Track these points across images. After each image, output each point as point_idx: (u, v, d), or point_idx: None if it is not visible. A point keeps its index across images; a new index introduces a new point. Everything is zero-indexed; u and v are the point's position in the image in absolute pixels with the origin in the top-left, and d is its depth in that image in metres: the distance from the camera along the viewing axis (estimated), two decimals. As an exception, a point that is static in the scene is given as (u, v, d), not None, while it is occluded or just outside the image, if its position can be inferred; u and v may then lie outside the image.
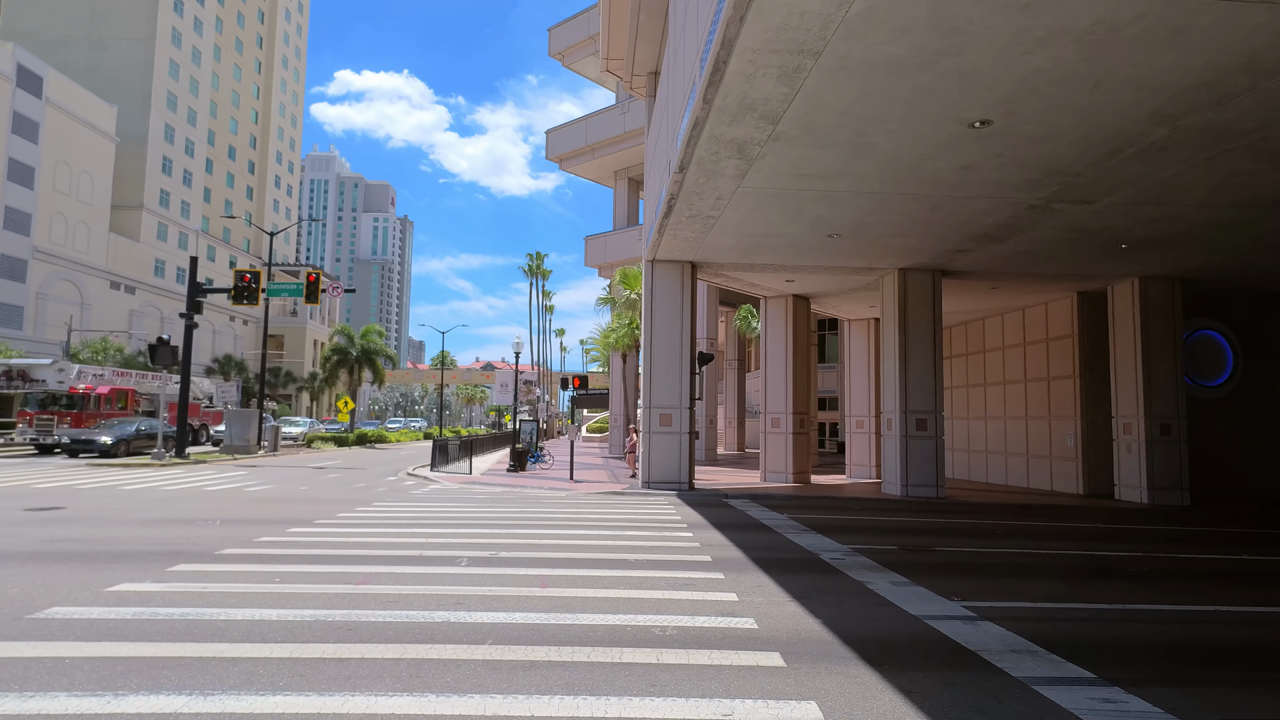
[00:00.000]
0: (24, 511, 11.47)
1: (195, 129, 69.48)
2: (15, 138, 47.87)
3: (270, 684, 4.32)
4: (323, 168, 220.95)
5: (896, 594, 7.03)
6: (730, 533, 10.78)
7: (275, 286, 26.79)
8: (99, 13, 62.08)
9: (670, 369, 17.25)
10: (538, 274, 67.20)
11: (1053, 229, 13.54)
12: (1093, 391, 18.86)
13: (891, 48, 7.42)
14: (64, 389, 28.86)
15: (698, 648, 5.19)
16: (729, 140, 9.96)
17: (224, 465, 22.99)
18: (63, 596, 6.21)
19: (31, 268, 49.23)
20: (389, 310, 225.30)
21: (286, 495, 14.87)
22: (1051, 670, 4.93)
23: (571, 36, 33.23)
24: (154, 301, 62.12)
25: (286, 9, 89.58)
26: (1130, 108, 8.55)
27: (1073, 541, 11.14)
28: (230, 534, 9.71)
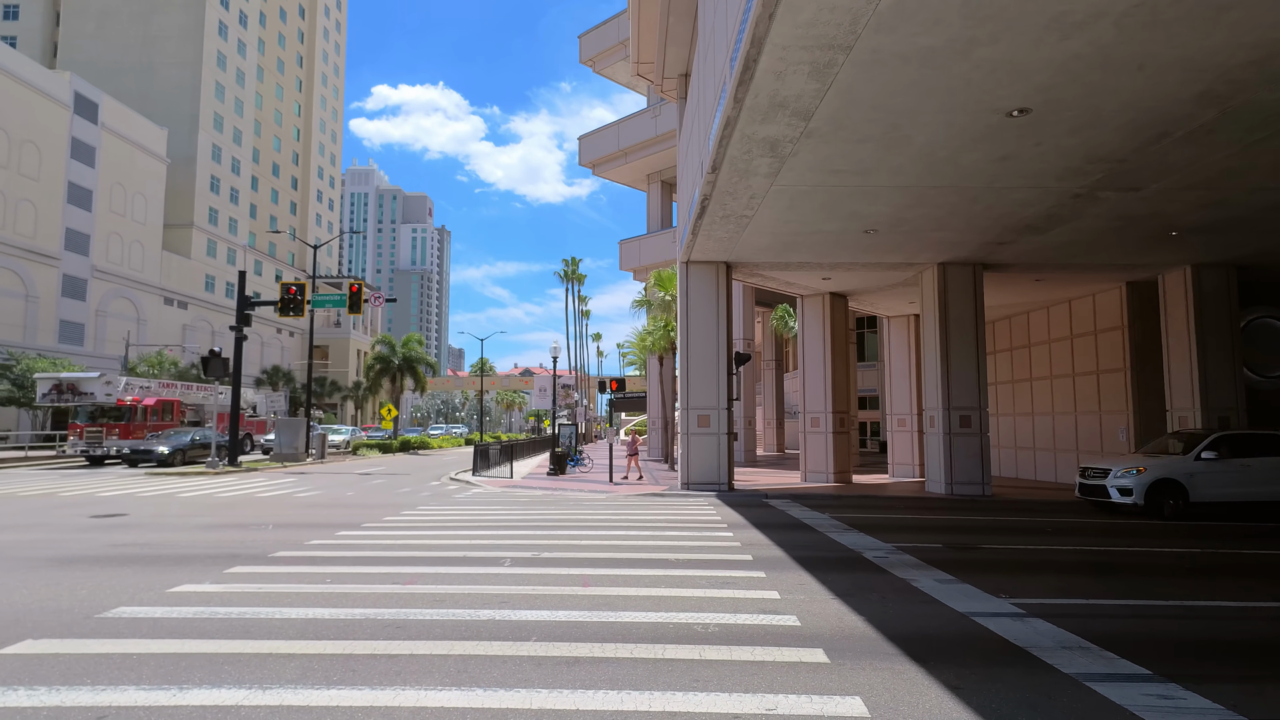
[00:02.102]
0: (90, 518, 11.99)
1: (241, 148, 71.74)
2: (74, 163, 50.03)
3: (325, 678, 4.47)
4: (362, 181, 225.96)
5: (942, 591, 6.93)
6: (771, 532, 10.72)
7: (319, 298, 27.51)
8: (149, 40, 64.57)
9: (707, 370, 17.23)
10: (573, 279, 67.65)
11: (1098, 218, 13.18)
12: (1145, 384, 18.26)
13: (924, 39, 7.33)
14: (111, 401, 29.95)
15: (740, 644, 5.20)
16: (761, 139, 9.94)
17: (274, 472, 23.67)
18: (128, 597, 6.49)
19: (91, 286, 51.36)
20: (429, 319, 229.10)
21: (334, 500, 15.25)
22: (1105, 667, 4.81)
23: (601, 43, 33.47)
24: (205, 316, 64.24)
25: (325, 28, 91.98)
26: (1176, 90, 8.30)
27: (1125, 538, 10.82)
28: (282, 537, 10.01)
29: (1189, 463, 13.54)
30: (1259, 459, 13.46)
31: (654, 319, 27.52)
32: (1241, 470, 13.38)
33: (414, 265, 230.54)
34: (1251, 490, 13.18)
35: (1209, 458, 13.49)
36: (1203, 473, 13.39)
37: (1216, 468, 13.41)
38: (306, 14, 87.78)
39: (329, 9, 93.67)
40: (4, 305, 44.30)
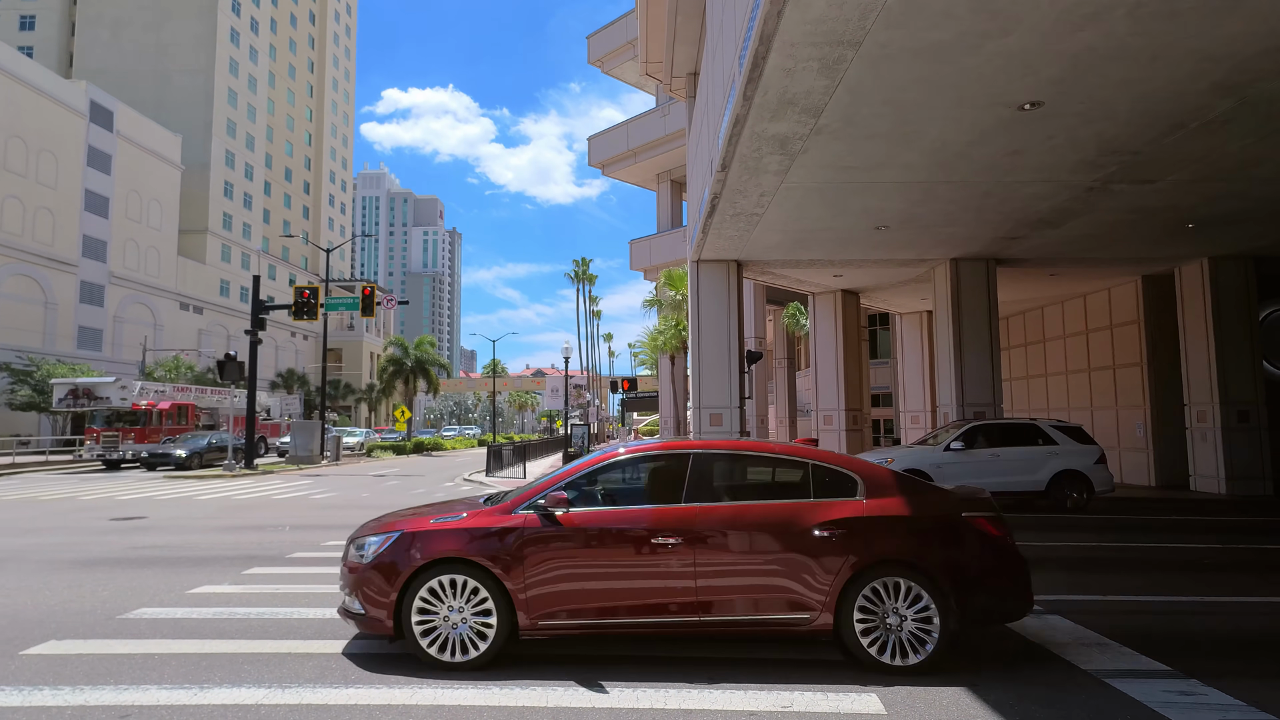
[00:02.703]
0: (110, 521, 12.14)
1: (253, 153, 72.36)
2: (90, 170, 50.65)
3: (343, 677, 4.51)
4: (374, 185, 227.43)
5: (958, 588, 6.88)
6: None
7: (333, 301, 27.72)
8: (162, 48, 65.26)
9: (719, 369, 17.22)
10: (584, 280, 67.77)
11: (1112, 211, 13.05)
12: (1162, 379, 18.07)
13: (934, 33, 7.29)
14: (126, 405, 30.29)
15: (754, 642, 5.19)
16: (770, 136, 9.91)
17: (290, 475, 23.87)
18: (149, 598, 6.58)
19: (108, 292, 51.98)
20: (440, 321, 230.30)
21: (349, 502, 15.37)
22: (1124, 663, 4.77)
23: (609, 43, 33.48)
24: (220, 320, 64.86)
25: (335, 33, 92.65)
26: (1191, 81, 8.20)
27: (1144, 534, 10.71)
28: (299, 539, 10.10)
29: (938, 453, 13.49)
30: (1009, 448, 13.45)
31: (665, 318, 27.55)
32: (990, 460, 13.31)
33: (425, 268, 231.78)
34: (991, 480, 12.87)
35: (957, 448, 13.44)
36: (950, 463, 13.27)
37: (963, 458, 13.33)
38: (317, 19, 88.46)
39: (339, 14, 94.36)
40: (24, 312, 44.93)
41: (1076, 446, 13.32)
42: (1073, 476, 13.12)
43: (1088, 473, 13.10)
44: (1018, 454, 13.39)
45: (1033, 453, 13.38)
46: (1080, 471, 13.11)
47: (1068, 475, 13.13)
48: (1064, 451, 13.28)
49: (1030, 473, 13.26)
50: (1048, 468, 13.20)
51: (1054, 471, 13.17)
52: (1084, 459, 13.19)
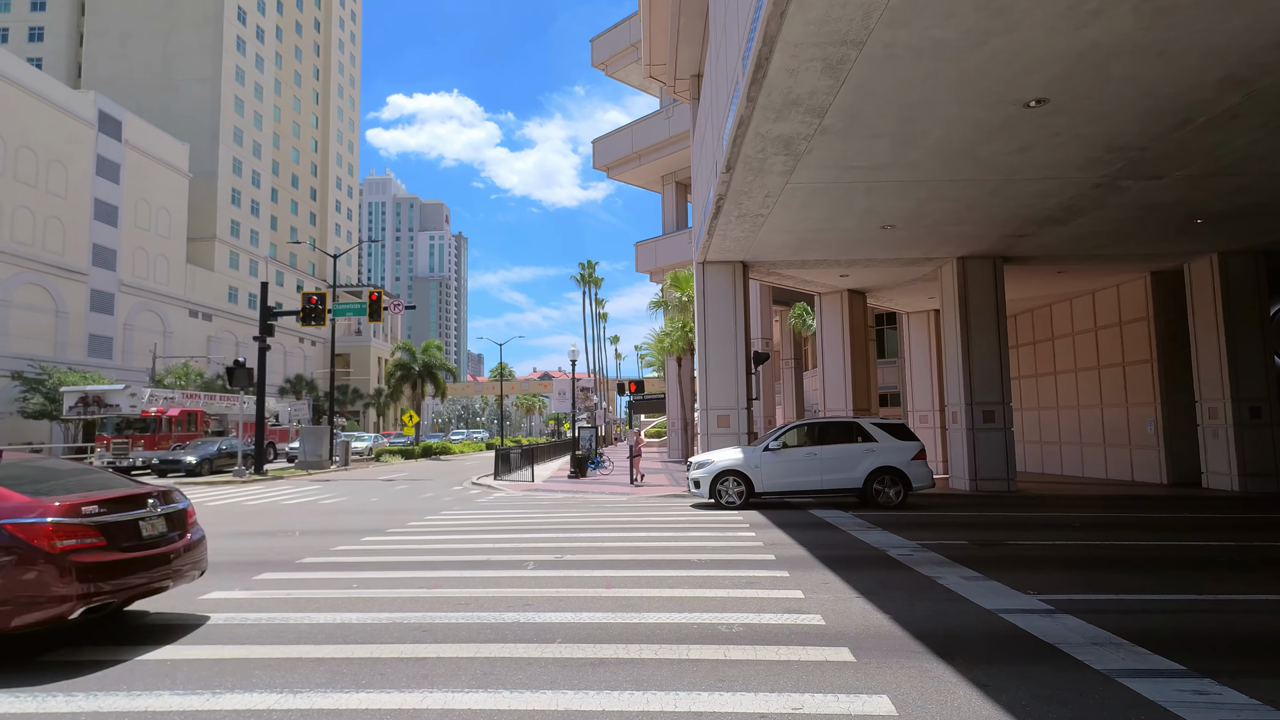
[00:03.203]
0: (122, 528, 12.21)
1: (260, 161, 72.78)
2: (99, 179, 51.06)
3: (354, 682, 4.52)
4: (380, 190, 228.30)
5: (968, 588, 6.86)
6: (793, 531, 10.68)
7: (340, 307, 27.83)
8: (169, 57, 65.75)
9: (726, 370, 17.20)
10: (590, 282, 67.81)
11: (1120, 207, 12.98)
12: (1173, 375, 17.94)
13: (938, 31, 7.28)
14: (136, 413, 30.48)
15: (765, 644, 5.18)
16: (775, 137, 9.91)
17: (299, 480, 23.97)
18: (161, 603, 6.61)
19: (118, 300, 52.36)
20: (447, 325, 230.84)
21: (359, 507, 15.42)
22: (1137, 662, 4.74)
23: (613, 46, 33.53)
24: (229, 327, 65.24)
25: (340, 40, 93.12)
26: (1198, 75, 8.16)
27: (1157, 532, 10.63)
28: (309, 544, 10.14)
29: (756, 453, 13.57)
30: (827, 447, 13.53)
31: (671, 320, 27.53)
32: (807, 458, 13.42)
33: (432, 272, 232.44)
34: (809, 478, 13.27)
35: (774, 447, 13.56)
36: (768, 462, 13.39)
37: (780, 457, 13.44)
38: (322, 27, 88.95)
39: (343, 21, 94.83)
40: (36, 321, 45.31)
41: (895, 443, 13.38)
42: (889, 473, 13.22)
43: (904, 469, 13.20)
44: (835, 452, 13.45)
45: (850, 450, 13.43)
46: (897, 468, 13.20)
47: (884, 472, 13.23)
48: (881, 449, 13.35)
49: (848, 470, 13.36)
50: (864, 465, 13.30)
51: (870, 469, 13.26)
52: (901, 456, 13.26)
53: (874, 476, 13.26)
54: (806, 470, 13.41)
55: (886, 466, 13.20)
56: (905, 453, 13.31)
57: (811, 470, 13.41)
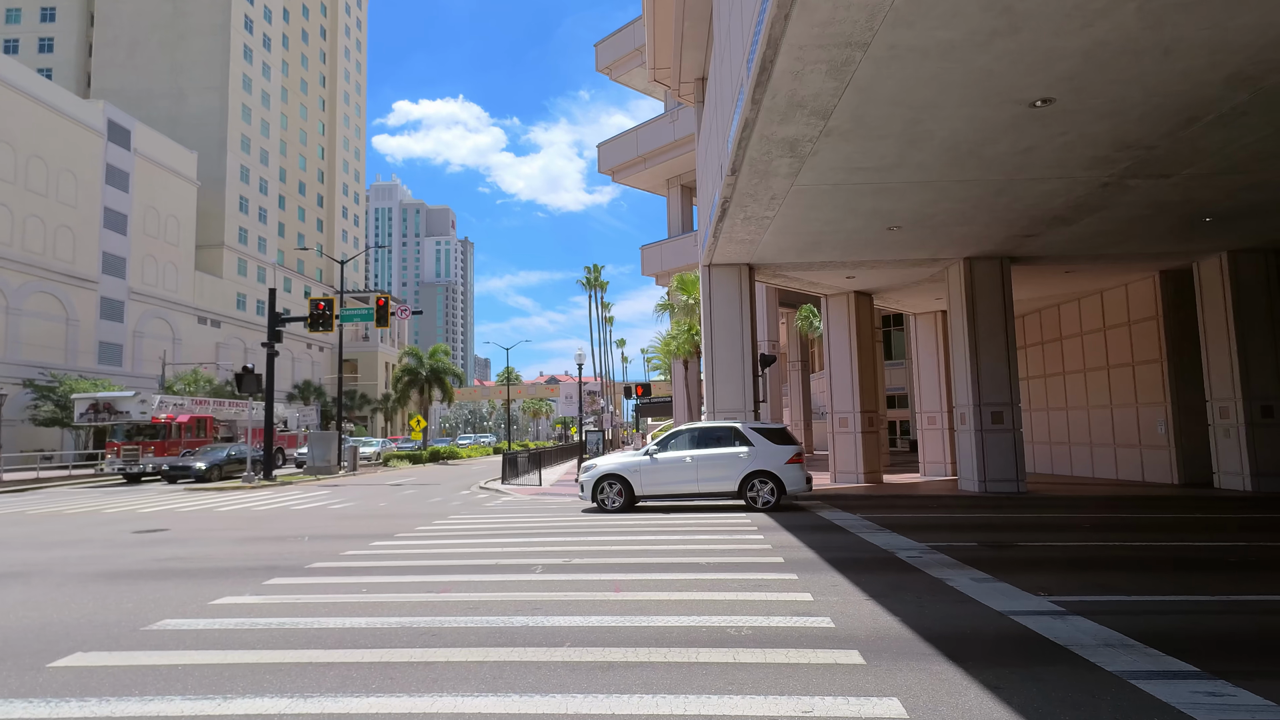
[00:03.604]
0: (133, 534, 12.29)
1: (268, 168, 73.20)
2: (109, 188, 51.46)
3: (363, 686, 4.54)
4: (386, 196, 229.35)
5: (978, 590, 6.83)
6: (802, 534, 10.65)
7: (347, 313, 27.93)
8: (177, 66, 66.27)
9: (732, 373, 17.18)
10: (596, 286, 67.92)
11: (1128, 206, 12.92)
12: (1183, 375, 17.82)
13: (943, 32, 7.27)
14: (146, 419, 30.65)
15: (774, 647, 5.17)
16: (780, 139, 9.91)
17: (308, 485, 24.05)
18: (172, 610, 6.65)
19: (128, 308, 52.72)
20: (454, 330, 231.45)
21: (367, 512, 15.46)
22: (1150, 664, 4.71)
23: (617, 50, 33.61)
24: (238, 333, 65.57)
25: (346, 48, 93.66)
26: (1205, 73, 8.12)
27: (1168, 533, 10.56)
28: (318, 549, 10.17)
29: (639, 458, 14.04)
30: (705, 451, 13.78)
31: (677, 323, 27.54)
32: (687, 463, 13.74)
33: (438, 277, 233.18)
34: (687, 483, 13.64)
35: (654, 451, 14.01)
36: (649, 467, 13.79)
37: (661, 462, 13.83)
38: (328, 34, 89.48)
39: (349, 28, 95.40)
40: (46, 329, 45.65)
41: (770, 447, 13.62)
42: (763, 476, 13.49)
43: (778, 472, 13.45)
44: (713, 456, 13.69)
45: (727, 454, 13.68)
46: (771, 471, 13.45)
47: (758, 475, 13.51)
48: (757, 453, 13.58)
49: (725, 474, 13.62)
50: (740, 469, 13.55)
51: (745, 472, 13.54)
52: (775, 460, 13.50)
53: (748, 479, 13.55)
54: (686, 474, 13.73)
55: (761, 470, 13.50)
56: (780, 456, 13.54)
57: (690, 474, 13.73)
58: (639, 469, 13.92)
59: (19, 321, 43.69)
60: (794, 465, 13.54)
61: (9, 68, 44.91)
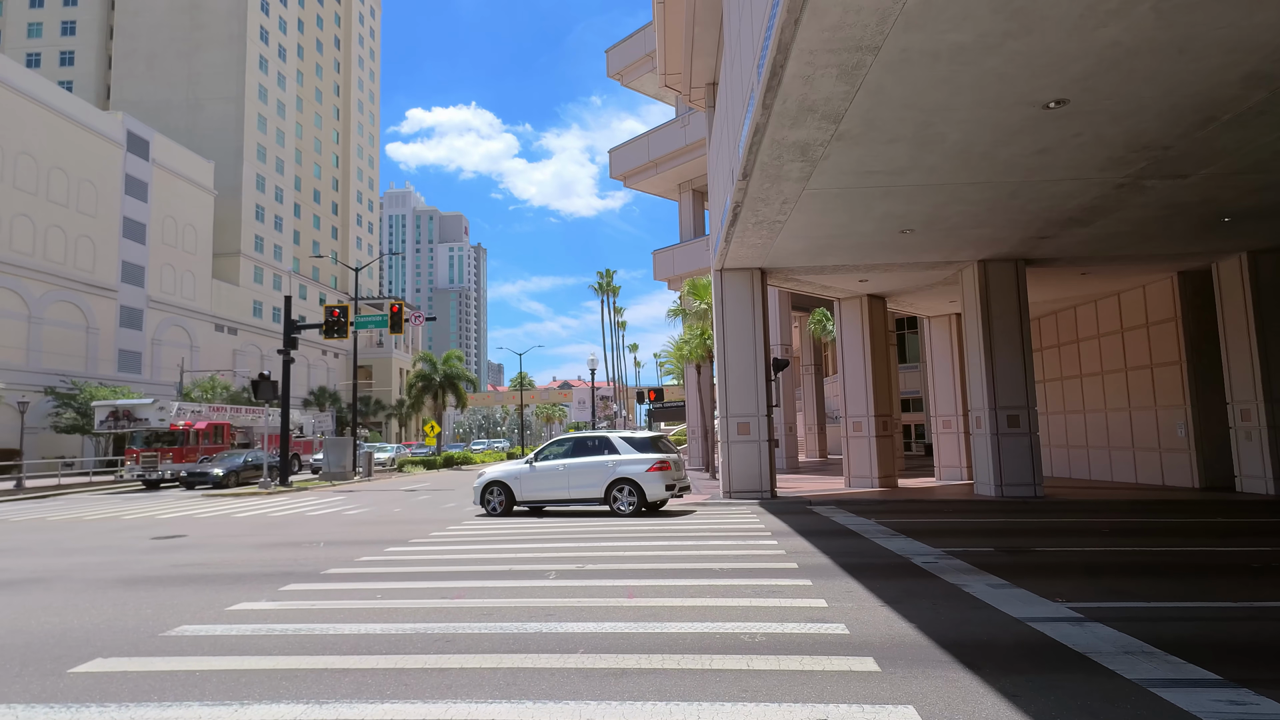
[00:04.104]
0: (151, 540, 12.43)
1: (283, 177, 74.01)
2: (128, 198, 52.21)
3: (378, 692, 4.56)
4: (400, 203, 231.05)
5: (995, 596, 6.76)
6: (816, 539, 10.60)
7: (362, 319, 28.15)
8: (194, 77, 67.23)
9: (745, 377, 17.15)
10: (608, 291, 68.05)
11: (1144, 207, 12.79)
12: (1203, 377, 17.59)
13: (954, 35, 7.25)
14: (165, 426, 31.01)
15: (788, 653, 5.15)
16: (791, 143, 9.91)
17: (323, 491, 24.22)
18: (190, 615, 6.71)
19: (147, 316, 53.41)
20: (467, 336, 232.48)
21: (382, 517, 15.55)
22: (1170, 672, 4.64)
23: (628, 56, 33.73)
24: (254, 340, 66.24)
25: (359, 57, 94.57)
26: (1221, 72, 8.04)
27: (1189, 537, 10.41)
28: (333, 555, 10.24)
29: (520, 466, 14.92)
30: (578, 459, 14.50)
31: (690, 328, 27.51)
32: (561, 471, 14.49)
33: (452, 284, 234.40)
34: (560, 490, 14.42)
35: (534, 460, 14.86)
36: (528, 475, 14.66)
37: (540, 469, 14.66)
38: (342, 44, 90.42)
39: (363, 38, 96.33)
40: (68, 337, 46.34)
41: (635, 456, 14.22)
42: (626, 483, 14.10)
43: (639, 480, 14.01)
44: (583, 464, 14.39)
45: (596, 463, 14.35)
46: (633, 479, 14.04)
47: (621, 482, 14.11)
48: (621, 461, 14.22)
49: (592, 481, 14.27)
50: (605, 477, 14.18)
51: (609, 480, 14.16)
52: (637, 468, 14.09)
53: (612, 487, 14.17)
54: (559, 482, 14.50)
55: (624, 478, 14.11)
56: (642, 465, 14.12)
57: (563, 482, 14.48)
58: (519, 476, 14.76)
59: (41, 330, 44.37)
60: (655, 474, 14.06)
61: (31, 81, 45.73)
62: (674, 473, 14.34)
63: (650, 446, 14.47)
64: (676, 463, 14.56)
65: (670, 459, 14.34)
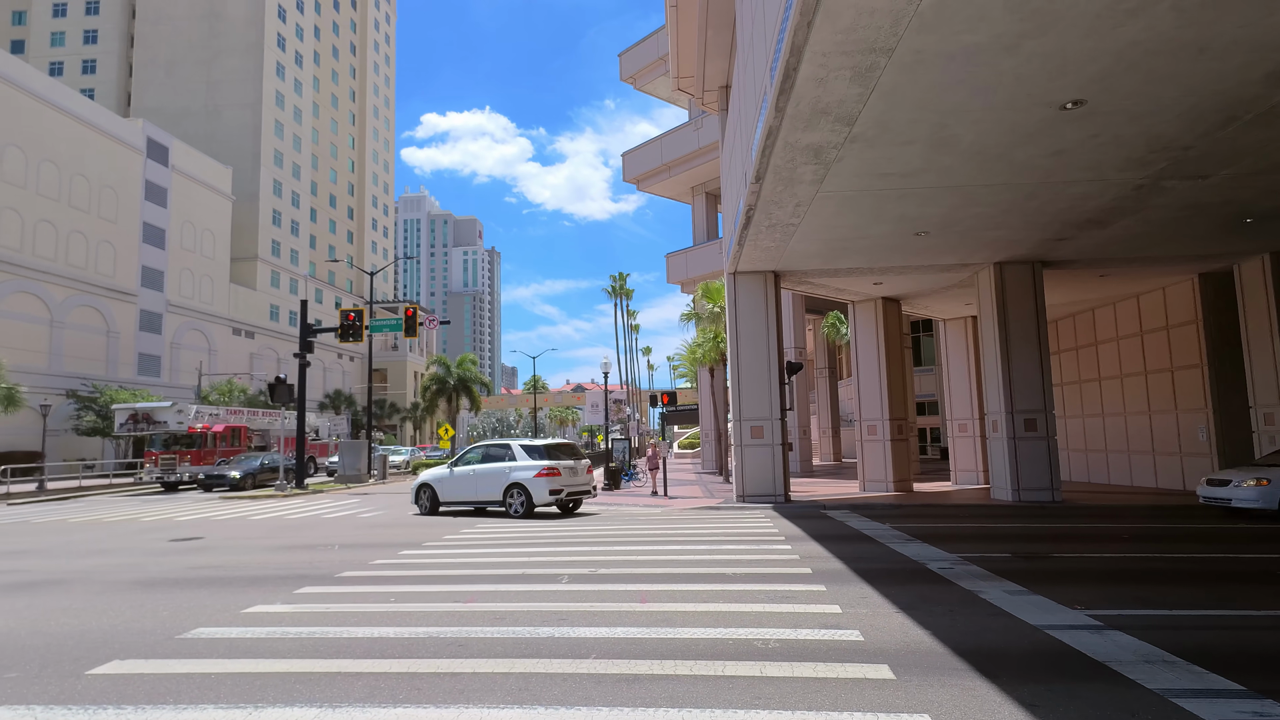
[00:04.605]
0: (169, 542, 12.56)
1: (300, 182, 74.74)
2: (148, 204, 52.91)
3: (391, 697, 4.57)
4: (414, 208, 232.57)
5: (1012, 603, 6.68)
6: (830, 544, 10.52)
7: (377, 323, 28.34)
8: (213, 84, 68.10)
9: (759, 380, 17.09)
10: (621, 294, 68.06)
11: (1164, 208, 12.62)
12: (1225, 380, 17.32)
13: (969, 36, 7.18)
14: (183, 429, 31.32)
15: (802, 660, 5.10)
16: (804, 146, 9.86)
17: (339, 494, 24.38)
18: (206, 618, 6.77)
19: (166, 320, 54.07)
20: (481, 339, 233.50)
21: (396, 520, 15.61)
22: (1193, 682, 4.56)
23: (641, 60, 33.79)
24: (271, 344, 66.87)
25: (375, 63, 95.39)
26: (1242, 72, 7.91)
27: (1211, 543, 10.24)
28: (348, 558, 10.29)
29: (444, 471, 16.60)
30: (485, 465, 15.98)
31: (703, 331, 27.48)
32: (472, 476, 15.98)
33: (466, 287, 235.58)
34: (466, 492, 16.00)
35: (452, 465, 16.54)
36: (448, 479, 16.33)
37: (457, 474, 16.21)
38: (358, 50, 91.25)
39: (378, 44, 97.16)
40: (89, 341, 46.99)
41: (528, 463, 15.37)
42: (517, 487, 15.28)
43: (528, 485, 15.14)
44: (487, 470, 15.79)
45: (497, 468, 15.69)
46: (522, 484, 15.19)
47: (514, 486, 15.31)
48: (516, 467, 15.42)
49: (493, 485, 15.56)
50: (502, 482, 15.45)
51: (505, 484, 15.38)
52: (526, 474, 15.22)
53: (508, 491, 15.33)
54: (469, 485, 15.96)
55: (516, 483, 15.26)
56: (530, 471, 15.20)
57: (472, 486, 15.92)
58: (441, 480, 16.39)
59: (63, 334, 45.03)
60: (541, 479, 15.11)
61: (54, 89, 46.49)
62: (563, 479, 15.29)
63: (545, 454, 15.49)
64: (572, 469, 15.62)
65: (561, 466, 15.38)
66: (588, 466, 16.29)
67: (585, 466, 16.16)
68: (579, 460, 16.06)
